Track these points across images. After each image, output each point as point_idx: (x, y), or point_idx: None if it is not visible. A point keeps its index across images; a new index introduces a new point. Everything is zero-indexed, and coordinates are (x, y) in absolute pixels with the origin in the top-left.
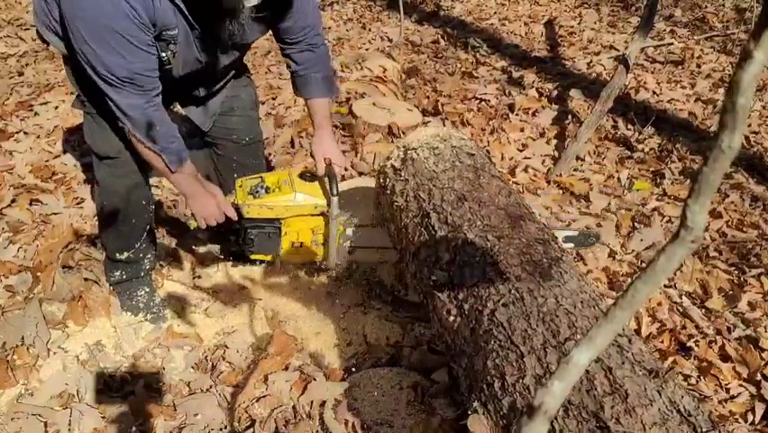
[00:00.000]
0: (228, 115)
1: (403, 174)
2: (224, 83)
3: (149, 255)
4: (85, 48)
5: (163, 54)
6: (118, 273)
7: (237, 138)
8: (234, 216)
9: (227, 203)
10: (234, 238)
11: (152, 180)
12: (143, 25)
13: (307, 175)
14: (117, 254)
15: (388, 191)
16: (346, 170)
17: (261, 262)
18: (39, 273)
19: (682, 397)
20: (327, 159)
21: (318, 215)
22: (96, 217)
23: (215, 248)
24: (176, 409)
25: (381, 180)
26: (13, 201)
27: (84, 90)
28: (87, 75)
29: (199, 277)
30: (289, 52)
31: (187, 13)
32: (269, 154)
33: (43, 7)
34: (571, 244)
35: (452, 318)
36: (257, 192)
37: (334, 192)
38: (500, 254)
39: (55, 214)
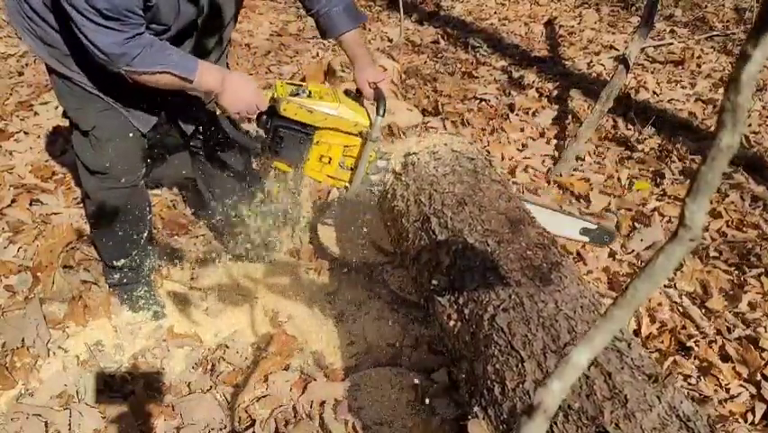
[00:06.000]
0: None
1: (403, 178)
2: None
3: (147, 261)
4: None
5: None
6: (118, 276)
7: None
8: (265, 105)
9: (261, 92)
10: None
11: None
12: None
13: (351, 94)
14: (114, 262)
15: (389, 195)
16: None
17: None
18: (39, 273)
19: (681, 402)
20: (372, 83)
21: (355, 134)
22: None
23: (216, 247)
24: (175, 410)
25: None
26: (13, 201)
27: (70, 105)
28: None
29: (199, 277)
30: None
31: None
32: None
33: (17, 7)
34: (586, 239)
35: (452, 323)
36: (298, 94)
37: (381, 113)
38: (500, 259)
39: (55, 214)
